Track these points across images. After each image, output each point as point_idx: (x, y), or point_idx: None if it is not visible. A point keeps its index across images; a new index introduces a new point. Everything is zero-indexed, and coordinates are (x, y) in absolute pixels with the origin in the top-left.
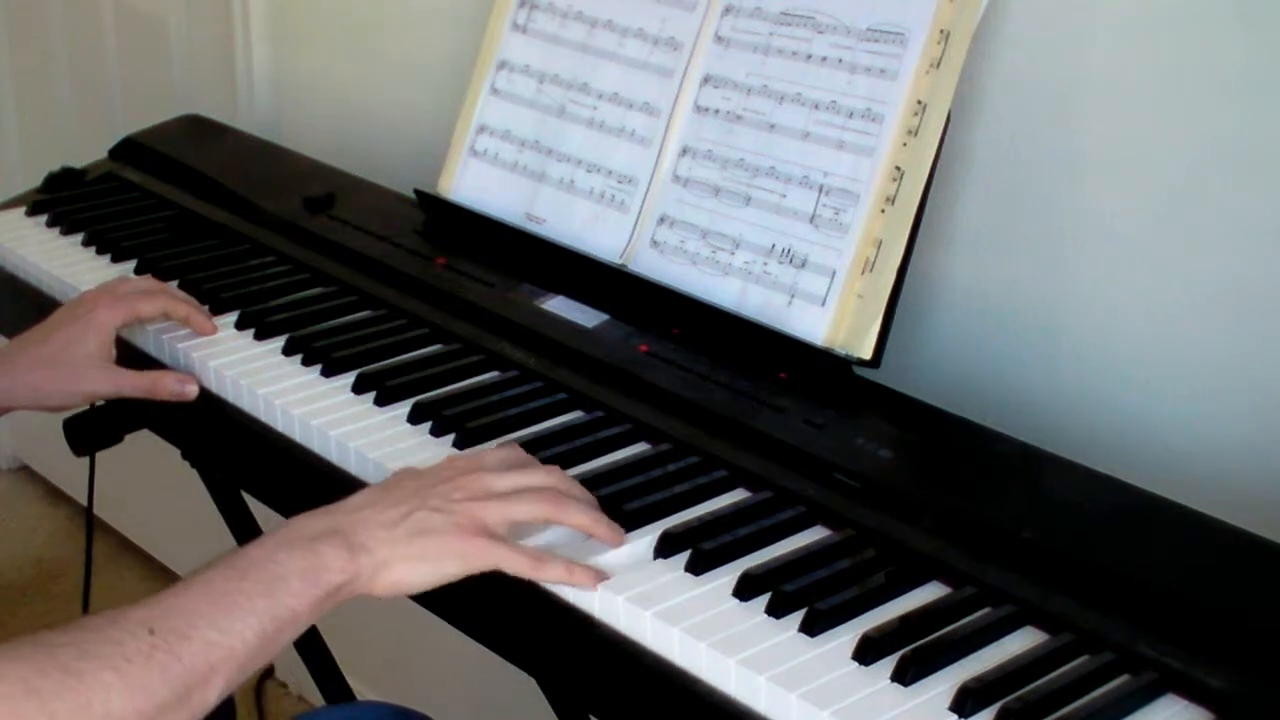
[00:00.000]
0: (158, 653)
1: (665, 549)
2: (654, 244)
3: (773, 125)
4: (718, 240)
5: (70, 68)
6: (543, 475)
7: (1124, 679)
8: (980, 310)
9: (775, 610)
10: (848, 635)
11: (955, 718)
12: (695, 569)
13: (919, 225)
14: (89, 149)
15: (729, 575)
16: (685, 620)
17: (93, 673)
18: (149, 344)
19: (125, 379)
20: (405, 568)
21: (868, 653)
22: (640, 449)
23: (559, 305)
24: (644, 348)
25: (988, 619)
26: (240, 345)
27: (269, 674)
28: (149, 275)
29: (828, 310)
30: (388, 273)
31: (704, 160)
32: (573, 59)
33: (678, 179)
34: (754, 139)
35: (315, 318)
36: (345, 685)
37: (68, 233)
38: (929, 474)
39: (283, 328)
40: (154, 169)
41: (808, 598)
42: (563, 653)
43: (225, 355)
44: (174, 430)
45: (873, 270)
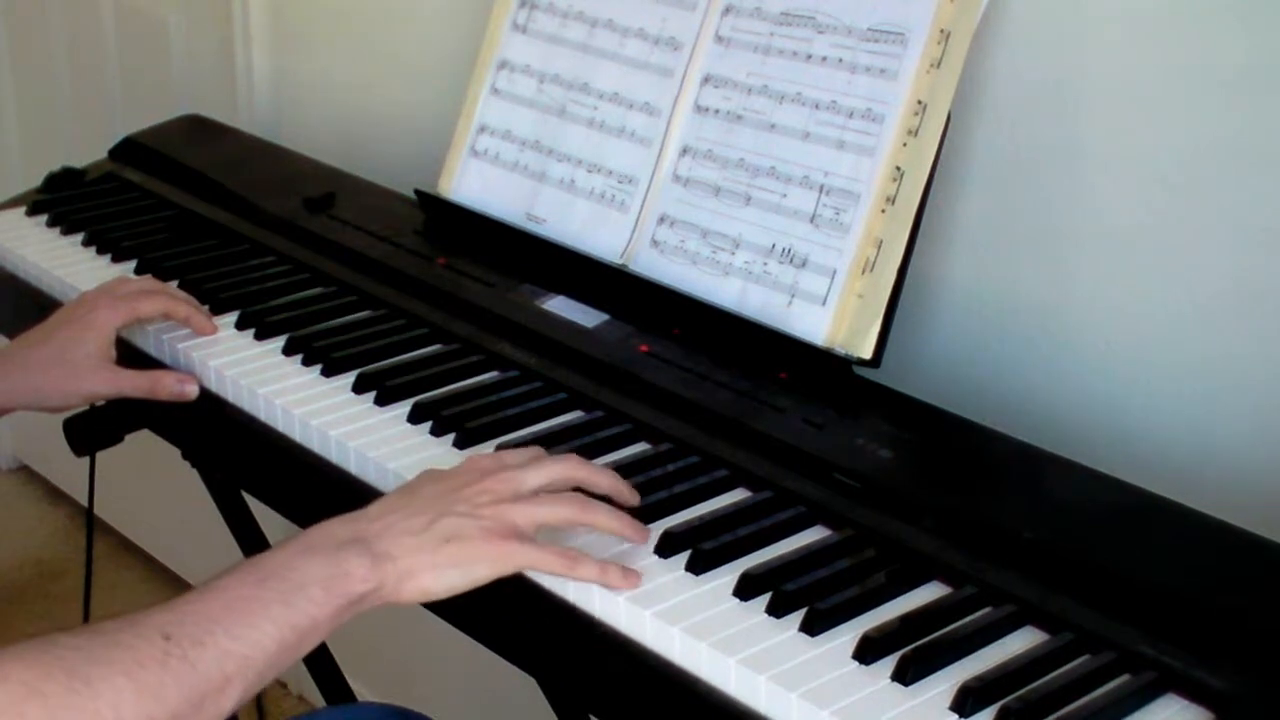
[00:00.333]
0: (172, 659)
1: (665, 549)
2: (654, 244)
3: (773, 125)
4: (718, 240)
5: (70, 68)
6: (563, 465)
7: (1124, 679)
8: (980, 310)
9: (775, 610)
10: (848, 635)
11: (955, 717)
12: (695, 569)
13: (919, 225)
14: (89, 149)
15: (729, 575)
16: (685, 620)
17: (104, 678)
18: (149, 344)
19: (125, 379)
20: (433, 575)
21: (868, 652)
22: (640, 449)
23: (559, 305)
24: (644, 348)
25: (988, 619)
26: (240, 345)
27: None
28: (149, 275)
29: (828, 310)
30: (388, 273)
31: (704, 160)
32: (573, 59)
33: (678, 179)
34: (754, 139)
35: (315, 318)
36: (345, 686)
37: (68, 233)
38: (929, 474)
39: (283, 328)
40: (154, 169)
41: (808, 597)
42: (563, 653)
43: (225, 355)
44: (174, 430)
45: (873, 270)
